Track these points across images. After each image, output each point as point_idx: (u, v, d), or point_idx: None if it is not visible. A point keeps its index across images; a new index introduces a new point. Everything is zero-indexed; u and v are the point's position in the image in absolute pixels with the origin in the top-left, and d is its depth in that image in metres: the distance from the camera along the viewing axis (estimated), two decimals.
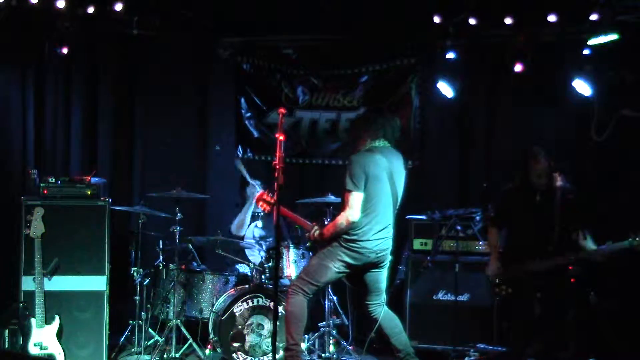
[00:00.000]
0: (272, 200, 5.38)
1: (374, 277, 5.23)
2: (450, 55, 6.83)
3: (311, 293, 5.21)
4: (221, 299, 6.13)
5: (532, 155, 5.41)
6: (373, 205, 5.08)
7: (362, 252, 5.08)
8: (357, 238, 5.07)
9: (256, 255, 6.60)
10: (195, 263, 6.58)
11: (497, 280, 5.54)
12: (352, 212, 5.02)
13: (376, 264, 5.18)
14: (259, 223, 6.77)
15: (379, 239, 5.12)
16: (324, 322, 6.29)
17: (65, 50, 6.76)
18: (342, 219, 5.06)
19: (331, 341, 6.28)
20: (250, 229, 6.83)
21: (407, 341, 5.31)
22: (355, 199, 5.03)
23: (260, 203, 5.48)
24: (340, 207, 5.22)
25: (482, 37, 6.80)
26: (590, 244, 5.32)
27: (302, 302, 5.16)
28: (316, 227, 5.25)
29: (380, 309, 5.25)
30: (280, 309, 5.51)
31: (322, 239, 5.21)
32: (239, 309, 5.92)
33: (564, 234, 5.33)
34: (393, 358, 5.33)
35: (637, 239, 5.11)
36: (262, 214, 6.65)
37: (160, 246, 6.42)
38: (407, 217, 6.55)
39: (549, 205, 5.32)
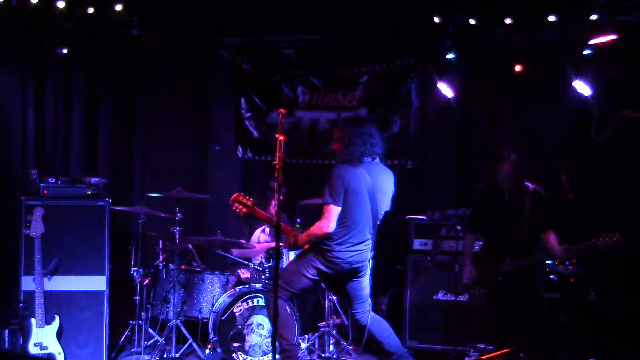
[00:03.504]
0: (249, 202, 5.36)
1: (354, 285, 5.20)
2: (450, 55, 6.83)
3: (287, 298, 5.20)
4: (221, 299, 6.13)
5: (498, 157, 5.52)
6: (350, 219, 5.02)
7: (335, 262, 5.05)
8: (331, 248, 5.04)
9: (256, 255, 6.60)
10: (195, 263, 6.57)
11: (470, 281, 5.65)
12: (327, 223, 4.98)
13: (353, 274, 5.15)
14: (267, 229, 6.74)
15: (354, 251, 5.06)
16: (324, 322, 6.29)
17: (65, 50, 6.76)
18: (316, 229, 5.03)
19: (331, 341, 6.29)
20: (256, 234, 6.82)
21: (399, 342, 5.28)
22: (332, 211, 4.98)
23: (236, 205, 5.38)
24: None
25: (482, 37, 6.81)
26: (555, 245, 5.38)
27: (282, 304, 5.12)
28: (294, 233, 5.21)
29: (367, 316, 5.22)
30: None
31: (297, 246, 5.21)
32: (239, 309, 5.92)
33: (533, 234, 5.42)
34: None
35: (600, 239, 5.15)
36: None
37: (160, 246, 6.42)
38: (407, 217, 6.56)
39: (518, 205, 5.42)
